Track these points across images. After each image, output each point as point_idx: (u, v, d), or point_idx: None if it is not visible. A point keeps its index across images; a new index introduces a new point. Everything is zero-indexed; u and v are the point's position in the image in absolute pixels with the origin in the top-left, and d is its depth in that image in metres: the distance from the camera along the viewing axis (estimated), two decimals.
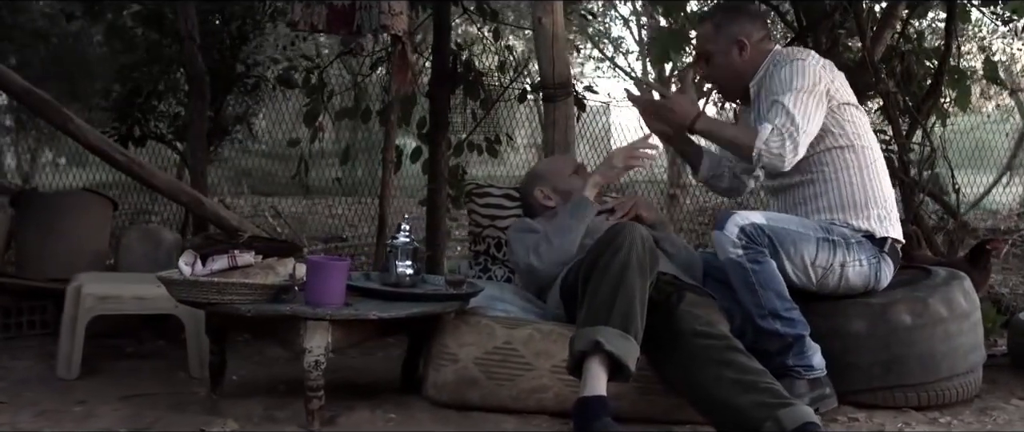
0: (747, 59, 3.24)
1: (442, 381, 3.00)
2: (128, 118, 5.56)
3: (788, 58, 3.17)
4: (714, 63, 3.28)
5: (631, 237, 2.79)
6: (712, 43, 3.27)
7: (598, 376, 2.65)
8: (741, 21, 3.25)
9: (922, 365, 3.20)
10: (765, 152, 3.03)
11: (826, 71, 3.16)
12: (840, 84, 3.20)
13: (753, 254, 3.02)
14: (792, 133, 3.01)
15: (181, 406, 3.07)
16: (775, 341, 3.04)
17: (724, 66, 3.27)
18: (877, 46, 4.91)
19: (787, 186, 3.27)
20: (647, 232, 2.87)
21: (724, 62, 3.26)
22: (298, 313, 2.73)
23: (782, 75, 3.09)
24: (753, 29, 3.26)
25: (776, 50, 3.26)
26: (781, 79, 3.09)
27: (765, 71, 3.21)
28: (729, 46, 3.24)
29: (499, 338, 3.00)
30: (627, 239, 2.78)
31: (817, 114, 3.07)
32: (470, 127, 5.31)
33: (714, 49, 3.27)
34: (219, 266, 2.87)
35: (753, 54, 3.24)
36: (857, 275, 3.15)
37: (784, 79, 3.08)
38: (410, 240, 3.17)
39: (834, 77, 3.18)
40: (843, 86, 3.21)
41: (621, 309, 2.69)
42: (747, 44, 3.23)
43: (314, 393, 2.78)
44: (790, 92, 3.05)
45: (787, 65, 3.12)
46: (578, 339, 2.69)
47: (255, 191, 10.00)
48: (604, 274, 2.75)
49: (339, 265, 2.81)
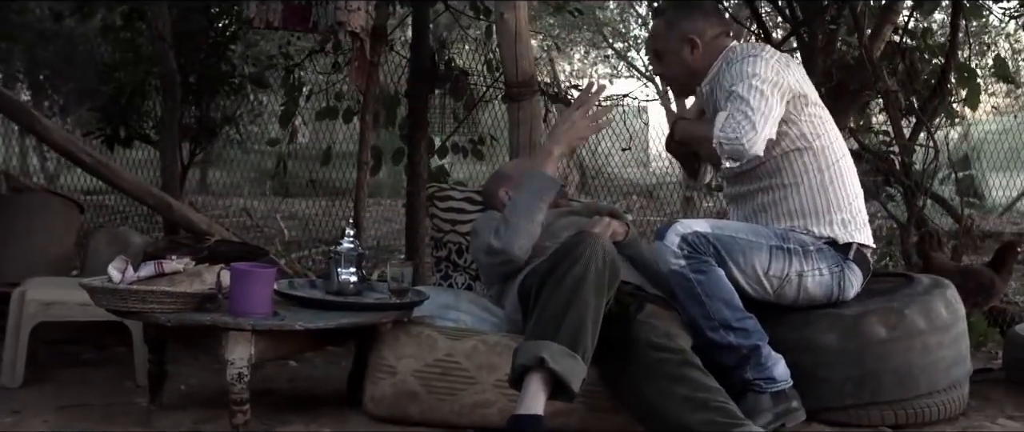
0: (698, 57, 3.10)
1: (380, 395, 2.86)
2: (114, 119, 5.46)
3: (742, 54, 3.02)
4: (665, 61, 3.17)
5: (591, 250, 2.61)
6: (663, 41, 3.15)
7: (537, 394, 2.49)
8: (693, 18, 3.11)
9: (898, 381, 3.00)
10: (723, 139, 2.84)
11: (783, 66, 2.98)
12: (798, 78, 3.02)
13: (696, 264, 2.85)
14: (747, 114, 2.83)
15: (113, 417, 2.98)
16: (730, 354, 2.86)
17: (675, 64, 3.14)
18: (876, 42, 4.69)
19: (744, 194, 3.10)
20: (610, 245, 2.70)
21: (675, 60, 3.13)
22: (218, 323, 2.60)
23: (733, 70, 2.95)
24: (706, 26, 3.11)
25: (731, 46, 3.10)
26: (733, 73, 2.95)
27: (718, 69, 3.05)
28: (680, 44, 3.10)
29: (441, 350, 2.85)
30: (587, 251, 2.60)
31: (775, 103, 2.89)
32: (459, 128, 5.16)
33: (664, 47, 3.14)
34: (146, 273, 2.75)
35: (706, 51, 3.09)
36: (817, 285, 2.97)
37: (736, 73, 2.94)
38: (354, 246, 3.03)
39: (791, 72, 3.00)
40: (802, 81, 3.03)
41: (571, 326, 2.52)
42: (698, 42, 3.09)
43: (239, 407, 2.65)
44: (742, 81, 2.89)
45: (739, 61, 2.97)
46: (522, 352, 2.53)
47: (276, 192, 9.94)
48: (558, 286, 2.57)
49: (264, 273, 2.67)
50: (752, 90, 2.86)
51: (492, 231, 2.99)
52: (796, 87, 2.97)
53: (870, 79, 4.57)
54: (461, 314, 3.08)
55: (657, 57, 3.20)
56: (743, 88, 2.87)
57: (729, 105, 2.88)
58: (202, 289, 2.70)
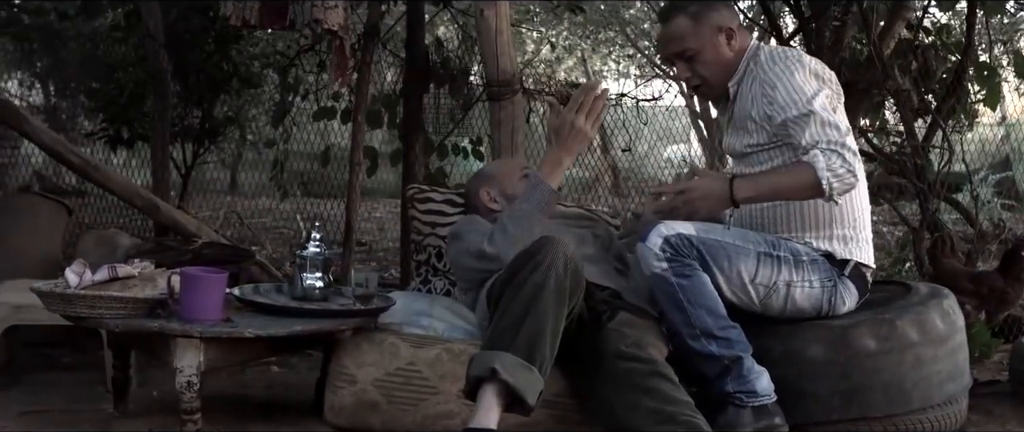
0: (736, 49, 2.86)
1: (340, 404, 2.75)
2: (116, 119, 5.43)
3: (780, 56, 2.80)
4: (702, 60, 2.87)
5: (553, 255, 2.47)
6: (694, 38, 2.85)
7: (491, 407, 2.37)
8: (719, 8, 2.88)
9: (888, 396, 2.84)
10: (834, 179, 2.61)
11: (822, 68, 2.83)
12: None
13: (679, 267, 2.70)
14: (842, 143, 2.62)
15: (73, 423, 2.94)
16: (711, 364, 2.72)
17: (713, 62, 2.86)
18: (887, 40, 4.52)
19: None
20: (573, 251, 2.53)
21: (713, 57, 2.86)
22: (166, 330, 2.52)
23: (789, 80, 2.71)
24: (732, 15, 2.90)
25: (755, 45, 2.90)
26: (793, 86, 2.70)
27: (746, 68, 2.86)
28: (715, 36, 2.85)
29: (403, 358, 2.74)
30: (548, 258, 2.46)
31: (841, 109, 2.76)
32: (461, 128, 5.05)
33: (698, 45, 2.86)
34: (100, 277, 2.67)
35: (740, 43, 2.87)
36: (805, 297, 2.81)
37: (797, 85, 2.70)
38: (320, 250, 2.94)
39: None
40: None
41: (528, 336, 2.39)
42: (734, 31, 2.86)
43: (189, 416, 2.57)
44: (815, 97, 2.67)
45: (783, 62, 2.76)
46: (475, 362, 2.41)
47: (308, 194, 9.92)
48: (517, 293, 2.44)
49: (213, 278, 2.59)
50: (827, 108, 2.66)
51: (484, 236, 2.86)
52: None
53: (879, 77, 4.40)
54: (434, 321, 2.96)
55: (689, 60, 2.89)
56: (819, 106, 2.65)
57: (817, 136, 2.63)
58: (153, 294, 2.63)
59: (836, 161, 2.60)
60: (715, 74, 2.91)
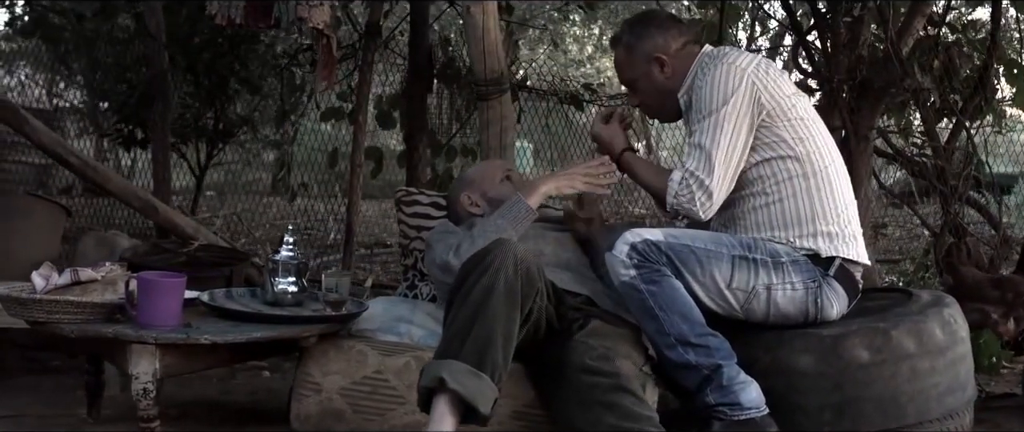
0: (670, 74, 2.84)
1: (305, 413, 2.67)
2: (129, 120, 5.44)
3: (712, 61, 2.75)
4: (640, 89, 2.89)
5: (502, 257, 2.38)
6: (629, 69, 2.88)
7: (443, 417, 2.28)
8: (651, 35, 2.84)
9: (882, 409, 2.69)
10: (677, 206, 2.71)
11: (754, 70, 2.71)
12: (774, 81, 2.73)
13: (648, 274, 2.59)
14: (702, 182, 2.66)
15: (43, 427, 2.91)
16: (690, 374, 2.59)
17: (650, 91, 2.88)
18: (905, 37, 4.34)
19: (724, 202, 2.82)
20: (524, 252, 2.44)
21: (649, 86, 2.87)
22: (120, 336, 2.45)
23: (702, 94, 2.71)
24: (668, 40, 2.84)
25: (704, 52, 2.84)
26: (701, 97, 2.71)
27: (693, 77, 2.80)
28: (648, 66, 2.84)
29: (370, 366, 2.65)
30: (496, 260, 2.37)
31: (738, 140, 2.68)
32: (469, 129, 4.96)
33: (633, 75, 2.88)
34: (62, 281, 2.62)
35: (676, 65, 2.84)
36: (789, 300, 2.68)
37: (704, 97, 2.70)
38: (293, 254, 2.86)
39: (766, 78, 2.72)
40: (779, 84, 2.75)
41: (477, 342, 2.30)
42: (665, 59, 2.83)
43: (147, 424, 2.50)
44: (706, 119, 2.68)
45: (709, 72, 2.72)
46: (425, 372, 2.32)
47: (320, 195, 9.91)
48: (465, 299, 2.35)
49: (170, 283, 2.52)
50: (715, 137, 2.66)
51: (448, 248, 2.78)
52: (769, 104, 2.70)
53: (897, 76, 4.23)
54: (413, 327, 2.88)
55: (631, 88, 2.93)
56: (706, 136, 2.67)
57: (688, 159, 2.70)
58: (112, 299, 2.57)
59: (684, 190, 2.69)
60: (654, 99, 2.94)
